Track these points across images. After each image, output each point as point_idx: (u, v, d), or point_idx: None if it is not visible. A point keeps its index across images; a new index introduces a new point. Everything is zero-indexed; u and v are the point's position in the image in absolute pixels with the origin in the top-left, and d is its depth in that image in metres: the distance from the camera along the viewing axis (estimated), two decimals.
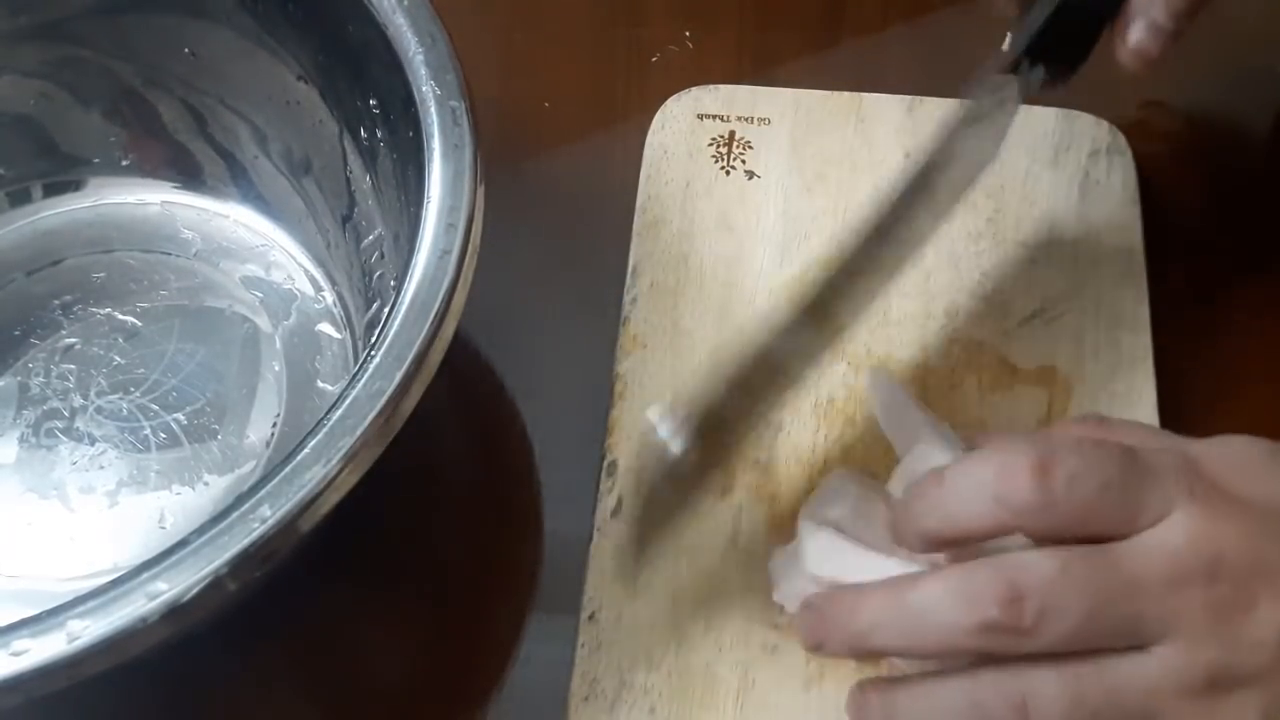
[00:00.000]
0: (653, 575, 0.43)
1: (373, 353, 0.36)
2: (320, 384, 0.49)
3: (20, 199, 0.53)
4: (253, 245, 0.52)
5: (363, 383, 0.36)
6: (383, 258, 0.46)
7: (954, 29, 0.42)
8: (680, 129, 0.53)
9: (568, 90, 0.57)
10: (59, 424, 0.48)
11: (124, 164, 0.53)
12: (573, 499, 0.46)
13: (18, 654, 0.32)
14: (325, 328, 0.50)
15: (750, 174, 0.52)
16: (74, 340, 0.50)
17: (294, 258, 0.52)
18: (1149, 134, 0.54)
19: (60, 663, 0.32)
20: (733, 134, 0.53)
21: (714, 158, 0.53)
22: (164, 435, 0.48)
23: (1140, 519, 0.33)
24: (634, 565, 0.41)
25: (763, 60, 0.57)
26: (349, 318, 0.50)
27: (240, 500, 0.34)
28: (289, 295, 0.51)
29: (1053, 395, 0.47)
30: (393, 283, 0.43)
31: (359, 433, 0.35)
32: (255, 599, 0.37)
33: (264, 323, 0.50)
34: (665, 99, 0.54)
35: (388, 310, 0.37)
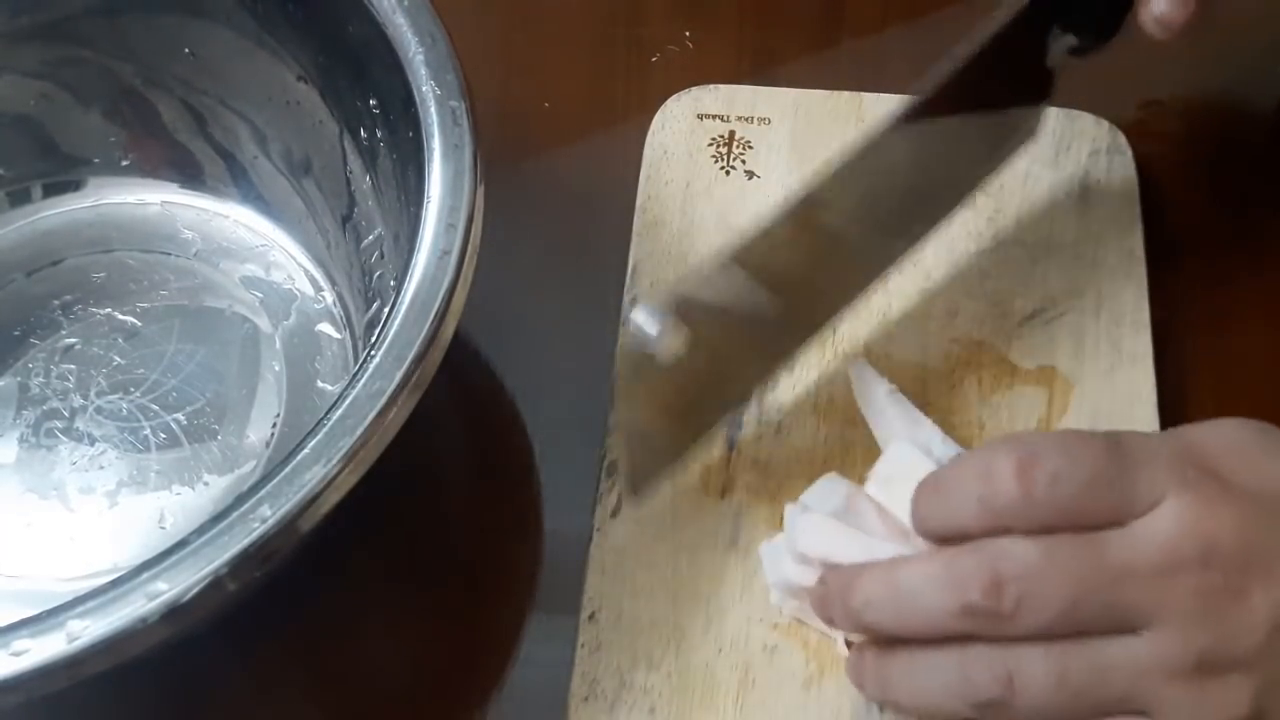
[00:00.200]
0: (653, 575, 0.43)
1: (373, 353, 0.36)
2: (320, 384, 0.49)
3: (20, 199, 0.53)
4: (253, 245, 0.52)
5: (363, 383, 0.36)
6: (383, 258, 0.46)
7: (954, 29, 0.41)
8: (680, 129, 0.53)
9: (568, 90, 0.57)
10: (59, 424, 0.48)
11: (124, 164, 0.53)
12: (573, 499, 0.46)
13: (18, 654, 0.32)
14: (325, 328, 0.50)
15: (750, 174, 0.52)
16: (74, 340, 0.50)
17: (294, 258, 0.52)
18: (1149, 134, 0.53)
19: (60, 663, 0.32)
20: (733, 134, 0.53)
21: (714, 158, 0.53)
22: (164, 435, 0.48)
23: (1132, 508, 0.33)
24: (630, 480, 0.42)
25: (763, 60, 0.57)
26: (349, 318, 0.50)
27: (240, 500, 0.34)
28: (289, 295, 0.51)
29: (1053, 395, 0.47)
30: (393, 283, 0.43)
31: (359, 433, 0.35)
32: (255, 599, 0.37)
33: (264, 323, 0.50)
34: (665, 99, 0.54)
35: (388, 310, 0.37)
